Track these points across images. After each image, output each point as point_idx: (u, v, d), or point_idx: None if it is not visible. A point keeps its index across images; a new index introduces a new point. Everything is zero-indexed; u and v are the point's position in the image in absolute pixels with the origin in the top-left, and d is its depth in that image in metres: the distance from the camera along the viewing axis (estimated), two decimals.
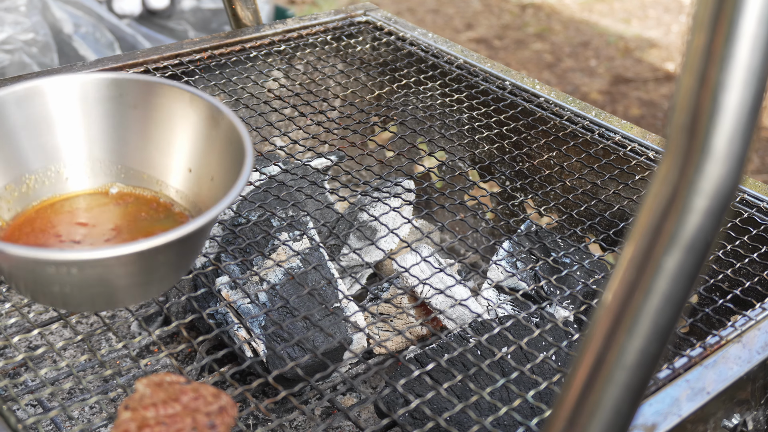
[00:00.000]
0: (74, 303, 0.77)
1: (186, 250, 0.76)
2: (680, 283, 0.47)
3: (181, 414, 0.67)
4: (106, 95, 0.87)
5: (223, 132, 0.84)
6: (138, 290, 0.76)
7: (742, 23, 0.41)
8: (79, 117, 0.87)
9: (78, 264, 0.70)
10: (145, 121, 0.88)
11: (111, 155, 0.89)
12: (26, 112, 0.84)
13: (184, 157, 0.87)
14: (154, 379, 0.71)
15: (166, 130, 0.88)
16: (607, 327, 0.50)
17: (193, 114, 0.86)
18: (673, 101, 0.45)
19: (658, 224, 0.46)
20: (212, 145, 0.85)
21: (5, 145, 0.83)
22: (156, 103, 0.87)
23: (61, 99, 0.86)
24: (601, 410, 0.51)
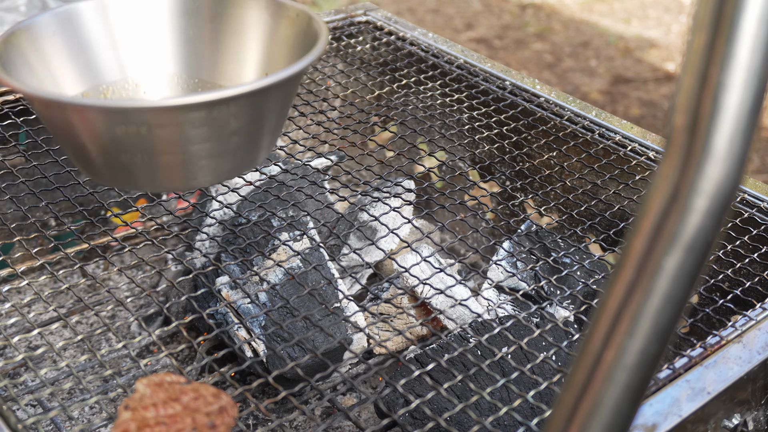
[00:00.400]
0: (145, 178, 0.73)
1: (259, 117, 0.73)
2: (681, 283, 0.47)
3: (181, 414, 0.67)
4: (183, 9, 0.87)
5: (298, 28, 0.83)
6: (212, 163, 0.73)
7: (743, 23, 0.41)
8: (156, 30, 0.87)
9: (148, 114, 0.66)
10: (219, 32, 0.88)
11: (187, 69, 0.88)
12: (104, 24, 0.84)
13: (259, 62, 0.86)
14: (154, 379, 0.71)
15: (240, 39, 0.87)
16: (607, 327, 0.50)
17: (266, 17, 0.85)
18: (674, 101, 0.45)
19: (659, 224, 0.46)
20: (284, 42, 0.84)
21: (83, 53, 0.83)
22: (230, 13, 0.87)
23: (138, 11, 0.86)
24: (601, 410, 0.51)
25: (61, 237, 1.28)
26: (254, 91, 0.69)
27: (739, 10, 0.41)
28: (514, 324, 0.89)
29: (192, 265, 1.03)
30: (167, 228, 1.16)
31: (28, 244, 1.21)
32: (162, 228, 1.19)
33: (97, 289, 1.27)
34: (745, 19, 0.41)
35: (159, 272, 0.95)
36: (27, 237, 0.95)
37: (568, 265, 1.01)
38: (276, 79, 0.70)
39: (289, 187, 1.05)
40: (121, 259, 1.33)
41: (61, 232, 0.97)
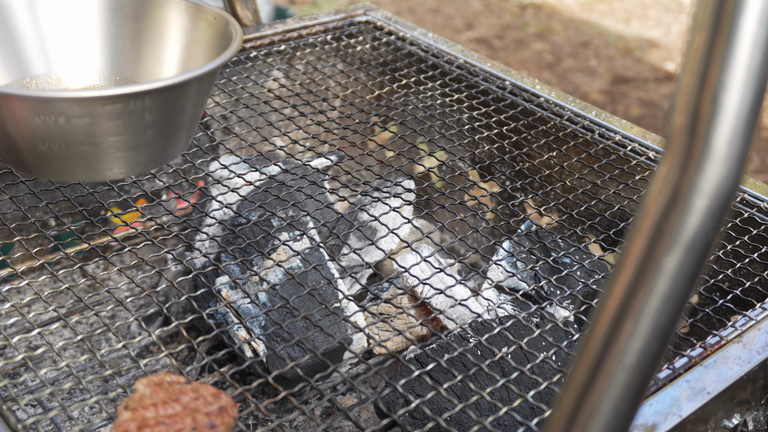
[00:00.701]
0: (62, 167, 0.76)
1: (173, 112, 0.77)
2: (681, 283, 0.47)
3: (181, 414, 0.67)
4: (107, 7, 0.91)
5: (214, 31, 0.87)
6: (127, 156, 0.76)
7: (743, 23, 0.41)
8: (82, 27, 0.91)
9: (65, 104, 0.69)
10: (141, 31, 0.91)
11: (110, 66, 0.92)
12: (32, 18, 0.87)
13: (178, 62, 0.90)
14: (154, 379, 0.71)
15: (160, 39, 0.91)
16: (607, 327, 0.50)
17: (185, 18, 0.90)
18: (674, 101, 0.45)
19: (659, 224, 0.46)
20: (202, 43, 0.88)
21: (10, 46, 0.86)
22: (151, 14, 0.91)
23: (65, 8, 0.89)
24: (601, 410, 0.51)
25: (61, 237, 1.28)
26: (168, 87, 0.73)
27: (738, 9, 0.41)
28: (514, 324, 0.89)
29: (192, 265, 1.03)
30: (167, 228, 1.16)
31: (28, 244, 1.21)
32: (162, 228, 1.19)
33: (97, 289, 1.27)
34: (745, 19, 0.41)
35: (159, 272, 0.95)
36: (27, 237, 0.95)
37: (568, 265, 1.01)
38: (189, 76, 0.74)
39: (289, 187, 1.05)
40: (121, 259, 1.33)
41: (61, 232, 0.97)
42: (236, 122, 1.23)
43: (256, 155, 1.14)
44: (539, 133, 1.22)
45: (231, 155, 1.15)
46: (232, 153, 1.12)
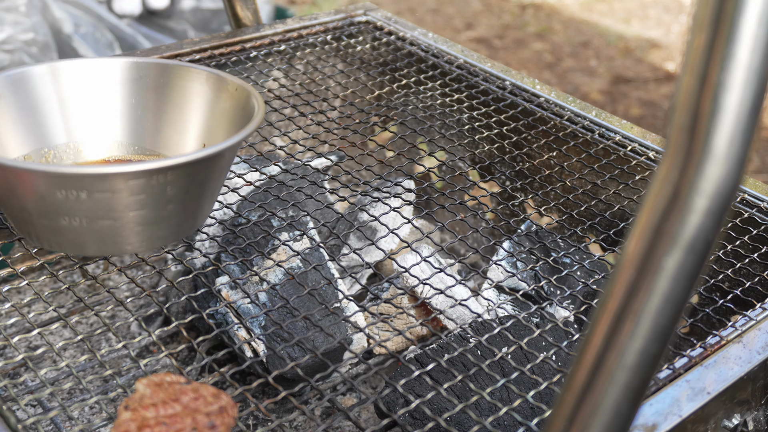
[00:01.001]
0: (80, 241, 0.76)
1: (195, 186, 0.77)
2: (681, 283, 0.47)
3: (181, 414, 0.67)
4: (128, 77, 0.91)
5: (236, 102, 0.87)
6: (147, 230, 0.76)
7: (743, 23, 0.41)
8: (101, 98, 0.91)
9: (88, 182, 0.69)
10: (162, 102, 0.92)
11: (128, 136, 0.92)
12: (54, 88, 0.87)
13: (198, 133, 0.90)
14: (154, 379, 0.71)
15: (181, 109, 0.91)
16: (607, 327, 0.50)
17: (207, 89, 0.90)
18: (674, 101, 0.45)
19: (659, 224, 0.46)
20: (224, 117, 0.88)
21: (29, 116, 0.86)
22: (172, 84, 0.91)
23: (85, 79, 0.90)
24: (601, 410, 0.51)
25: None
26: (191, 162, 0.73)
27: (739, 9, 0.41)
28: (514, 324, 0.89)
29: (192, 265, 1.03)
30: None
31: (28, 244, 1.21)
32: None
33: (97, 289, 1.27)
34: (745, 19, 0.41)
35: (159, 272, 0.95)
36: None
37: (568, 265, 1.01)
38: (211, 151, 0.74)
39: (289, 187, 1.05)
40: (121, 259, 1.33)
41: None
42: None
43: (256, 155, 1.14)
44: (539, 133, 1.22)
45: None
46: None
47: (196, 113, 0.90)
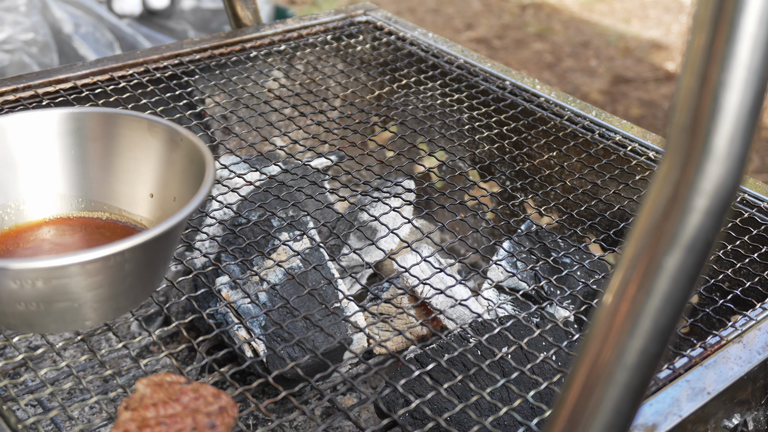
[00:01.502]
0: (41, 323, 0.75)
1: (153, 257, 0.76)
2: (681, 283, 0.47)
3: (181, 414, 0.67)
4: (65, 129, 0.88)
5: (183, 152, 0.84)
6: (105, 305, 0.75)
7: (743, 23, 0.41)
8: (38, 152, 0.87)
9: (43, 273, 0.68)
10: (105, 152, 0.89)
11: (71, 189, 0.89)
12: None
13: (146, 184, 0.88)
14: (154, 379, 0.71)
15: (126, 159, 0.89)
16: (607, 327, 0.50)
17: (152, 140, 0.87)
18: (674, 101, 0.45)
19: (659, 224, 0.46)
20: (173, 167, 0.86)
21: None
22: (115, 134, 0.88)
23: (18, 135, 0.86)
24: (601, 411, 0.51)
25: None
26: (148, 240, 0.71)
27: (739, 9, 0.41)
28: (514, 324, 0.89)
29: (192, 265, 1.03)
30: None
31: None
32: None
33: None
34: (745, 19, 0.41)
35: None
36: None
37: (568, 265, 1.01)
38: (169, 225, 0.72)
39: (289, 187, 1.05)
40: None
41: None
42: (236, 122, 1.23)
43: (256, 155, 1.14)
44: (539, 133, 1.22)
45: (231, 155, 1.15)
46: (232, 153, 1.12)
47: (142, 162, 0.88)
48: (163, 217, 0.86)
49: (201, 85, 1.26)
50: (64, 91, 1.17)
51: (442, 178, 1.25)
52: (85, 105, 1.14)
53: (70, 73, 1.20)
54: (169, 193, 0.86)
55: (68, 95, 1.17)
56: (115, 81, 1.21)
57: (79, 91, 1.18)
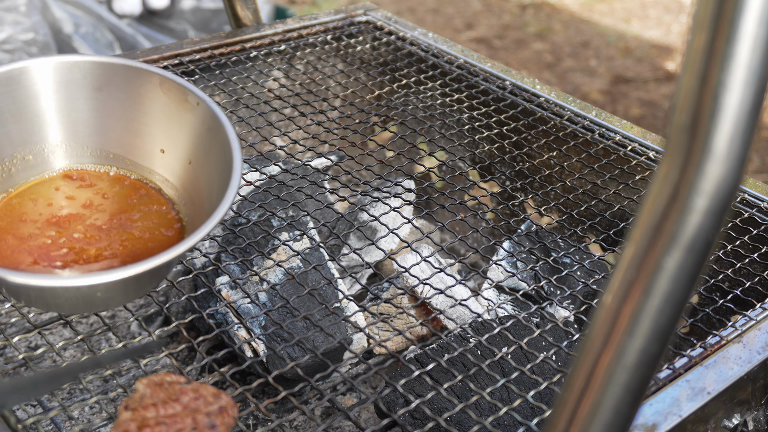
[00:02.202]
0: (64, 309, 0.79)
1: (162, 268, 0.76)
2: (681, 283, 0.47)
3: (181, 414, 0.67)
4: (68, 79, 0.86)
5: (198, 117, 0.83)
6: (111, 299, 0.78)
7: (743, 23, 0.41)
8: (42, 102, 0.86)
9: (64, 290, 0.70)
10: (111, 102, 0.87)
11: (76, 138, 0.88)
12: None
13: (155, 138, 0.87)
14: (155, 379, 0.71)
15: (135, 112, 0.87)
16: (607, 327, 0.50)
17: (162, 95, 0.85)
18: (674, 101, 0.45)
19: (659, 224, 0.46)
20: (185, 128, 0.85)
21: None
22: (121, 85, 0.86)
23: (20, 85, 0.84)
24: (601, 411, 0.51)
25: None
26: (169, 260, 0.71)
27: (739, 9, 0.41)
28: (514, 324, 0.89)
29: (192, 265, 1.03)
30: None
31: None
32: None
33: None
34: (745, 19, 0.41)
35: None
36: None
37: (568, 265, 1.01)
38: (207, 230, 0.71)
39: (289, 187, 1.05)
40: None
41: None
42: (236, 122, 1.23)
43: (256, 155, 1.14)
44: (539, 133, 1.22)
45: None
46: None
47: (151, 117, 0.86)
48: (180, 176, 0.85)
49: (201, 85, 1.26)
50: None
51: (442, 178, 1.25)
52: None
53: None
54: (181, 152, 0.85)
55: None
56: None
57: None
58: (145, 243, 0.82)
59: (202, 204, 0.83)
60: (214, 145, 0.81)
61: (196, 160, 0.84)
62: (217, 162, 0.80)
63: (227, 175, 0.77)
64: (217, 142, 0.81)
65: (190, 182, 0.85)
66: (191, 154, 0.84)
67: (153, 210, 0.86)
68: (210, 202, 0.79)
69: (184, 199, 0.87)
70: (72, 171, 0.89)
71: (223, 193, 0.75)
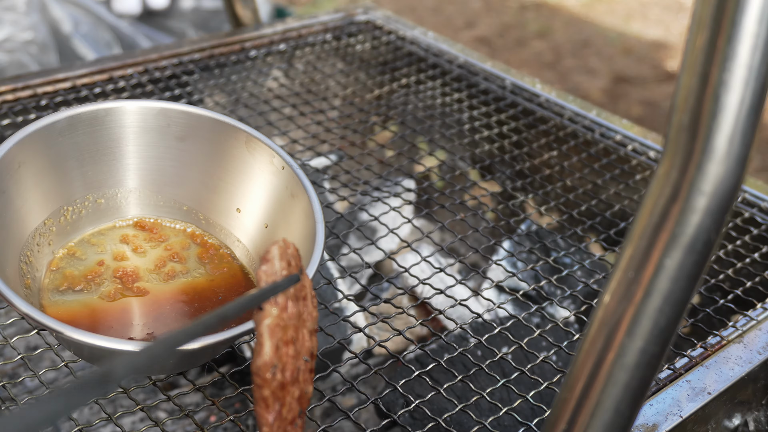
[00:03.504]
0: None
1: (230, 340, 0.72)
2: (681, 283, 0.47)
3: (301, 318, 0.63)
4: (153, 125, 0.83)
5: (283, 181, 0.79)
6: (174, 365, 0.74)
7: (744, 22, 0.41)
8: (123, 145, 0.83)
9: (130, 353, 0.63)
10: (193, 154, 0.83)
11: (152, 187, 0.85)
12: (69, 142, 0.80)
13: (233, 197, 0.83)
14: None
15: (215, 166, 0.83)
16: (607, 327, 0.50)
17: (247, 154, 0.81)
18: (674, 101, 0.45)
19: (659, 224, 0.46)
20: (266, 191, 0.81)
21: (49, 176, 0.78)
22: (205, 138, 0.83)
23: (104, 126, 0.81)
24: (601, 411, 0.51)
25: None
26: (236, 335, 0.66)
27: (739, 9, 0.41)
28: (514, 324, 0.89)
29: None
30: None
31: None
32: None
33: None
34: (746, 18, 0.41)
35: None
36: None
37: (568, 265, 1.00)
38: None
39: None
40: None
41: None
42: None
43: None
44: (539, 132, 1.22)
45: None
46: None
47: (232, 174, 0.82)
48: (254, 240, 0.81)
49: (200, 85, 1.26)
50: (64, 91, 1.17)
51: (442, 177, 1.24)
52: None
53: (70, 72, 1.19)
54: (259, 215, 0.81)
55: (67, 95, 1.17)
56: (114, 81, 1.21)
57: (78, 90, 1.18)
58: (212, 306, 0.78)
59: None
60: (295, 214, 0.77)
61: (273, 226, 0.80)
62: (297, 232, 0.76)
63: (307, 248, 0.73)
64: (299, 211, 0.77)
65: (264, 247, 0.79)
66: (269, 219, 0.80)
67: (223, 273, 0.81)
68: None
69: (256, 263, 0.81)
70: (144, 221, 0.85)
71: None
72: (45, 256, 0.78)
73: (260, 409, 0.58)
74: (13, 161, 0.74)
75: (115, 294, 0.76)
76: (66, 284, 0.76)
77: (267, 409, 0.58)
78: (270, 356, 0.57)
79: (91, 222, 0.83)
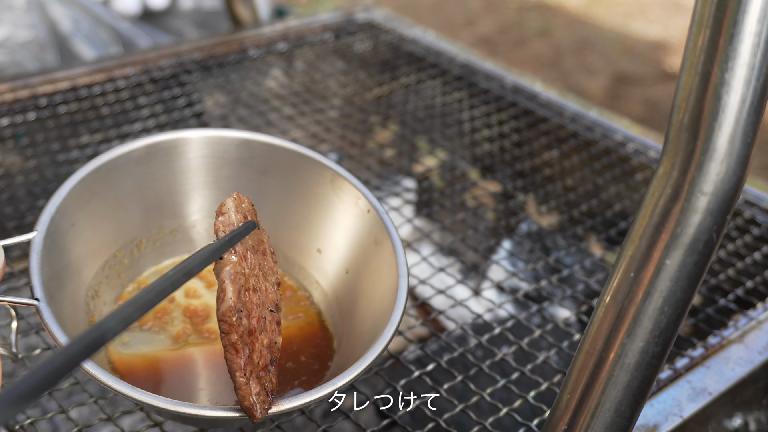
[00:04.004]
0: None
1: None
2: (682, 283, 0.47)
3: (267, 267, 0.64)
4: (235, 156, 0.79)
5: (367, 226, 0.74)
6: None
7: (745, 21, 0.41)
8: (202, 176, 0.79)
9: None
10: (275, 188, 0.79)
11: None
12: (146, 171, 0.77)
13: (313, 236, 0.78)
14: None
15: (297, 203, 0.79)
16: (607, 327, 0.50)
17: (331, 193, 0.77)
18: (674, 100, 0.45)
19: (659, 224, 0.46)
20: (348, 233, 0.76)
21: (120, 207, 0.76)
22: (288, 172, 0.78)
23: (183, 156, 0.78)
24: (601, 411, 0.51)
25: None
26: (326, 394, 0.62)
27: (741, 7, 0.41)
28: (514, 324, 0.88)
29: None
30: None
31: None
32: None
33: None
34: (747, 17, 0.41)
35: None
36: None
37: (569, 264, 1.00)
38: (356, 373, 0.61)
39: None
40: None
41: None
42: (236, 121, 1.22)
43: None
44: (540, 132, 1.21)
45: None
46: None
47: (315, 213, 0.78)
48: (333, 284, 0.76)
49: (200, 84, 1.26)
50: (63, 91, 1.17)
51: (442, 177, 1.24)
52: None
53: (69, 72, 1.19)
54: (339, 259, 0.76)
55: (67, 95, 1.16)
56: (114, 80, 1.20)
57: (78, 90, 1.18)
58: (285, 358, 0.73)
59: (352, 324, 0.73)
60: (378, 262, 0.72)
61: (354, 272, 0.75)
62: (378, 282, 0.71)
63: (387, 300, 0.68)
64: (382, 260, 0.71)
65: (344, 294, 0.76)
66: (350, 264, 0.76)
67: (298, 320, 0.77)
68: (362, 326, 0.70)
69: (334, 309, 0.77)
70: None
71: (378, 322, 0.66)
72: (114, 288, 0.75)
73: (230, 355, 0.57)
74: (85, 192, 0.71)
75: (182, 334, 0.72)
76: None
77: (237, 354, 0.57)
78: (234, 300, 0.56)
79: (165, 255, 0.79)
